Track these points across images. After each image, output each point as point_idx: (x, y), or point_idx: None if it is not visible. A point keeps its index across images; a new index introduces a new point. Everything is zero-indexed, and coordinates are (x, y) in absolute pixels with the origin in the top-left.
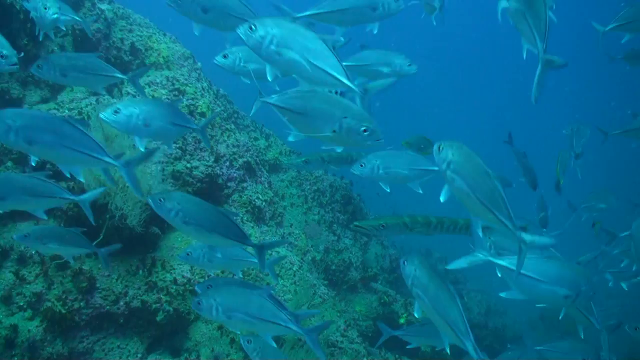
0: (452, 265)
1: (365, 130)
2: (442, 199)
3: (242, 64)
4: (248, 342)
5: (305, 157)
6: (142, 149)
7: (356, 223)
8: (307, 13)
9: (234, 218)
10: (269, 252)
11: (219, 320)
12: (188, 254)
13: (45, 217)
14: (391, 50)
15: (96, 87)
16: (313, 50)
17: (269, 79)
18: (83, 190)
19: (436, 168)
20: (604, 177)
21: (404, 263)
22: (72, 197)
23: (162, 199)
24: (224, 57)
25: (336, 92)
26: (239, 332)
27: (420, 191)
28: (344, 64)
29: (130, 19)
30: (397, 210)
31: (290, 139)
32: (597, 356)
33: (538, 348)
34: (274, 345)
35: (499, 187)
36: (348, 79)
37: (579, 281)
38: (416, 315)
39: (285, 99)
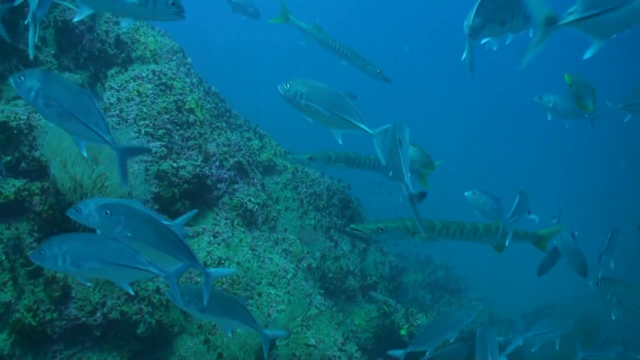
0: None
1: None
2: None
3: None
4: (182, 295)
5: (311, 154)
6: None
7: (353, 226)
8: None
9: (101, 107)
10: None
11: (66, 271)
12: (77, 210)
13: None
14: None
15: None
16: None
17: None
18: (57, 190)
19: (363, 126)
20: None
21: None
22: None
23: (22, 77)
24: None
25: None
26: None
27: (340, 142)
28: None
29: None
30: (400, 215)
31: (590, 53)
32: None
33: None
34: (131, 291)
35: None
36: None
37: None
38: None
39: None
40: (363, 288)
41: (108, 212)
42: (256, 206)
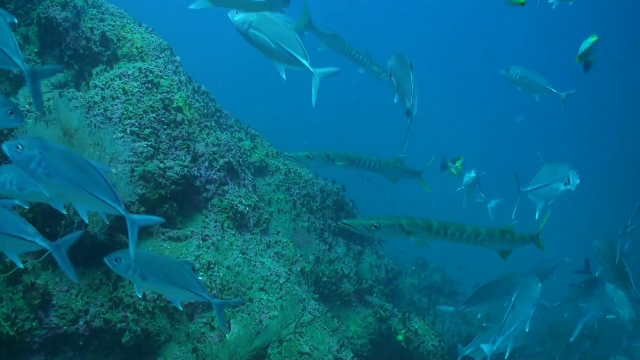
0: None
1: None
2: None
3: None
4: (117, 260)
5: (308, 152)
6: None
7: (345, 221)
8: None
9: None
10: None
11: None
12: None
13: None
14: None
15: None
16: None
17: None
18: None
19: (305, 63)
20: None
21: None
22: None
23: None
24: None
25: None
26: None
27: (284, 77)
28: None
29: (102, 8)
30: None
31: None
32: None
33: None
34: (20, 264)
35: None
36: None
37: None
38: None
39: None
40: (359, 292)
41: (20, 147)
42: (247, 208)
